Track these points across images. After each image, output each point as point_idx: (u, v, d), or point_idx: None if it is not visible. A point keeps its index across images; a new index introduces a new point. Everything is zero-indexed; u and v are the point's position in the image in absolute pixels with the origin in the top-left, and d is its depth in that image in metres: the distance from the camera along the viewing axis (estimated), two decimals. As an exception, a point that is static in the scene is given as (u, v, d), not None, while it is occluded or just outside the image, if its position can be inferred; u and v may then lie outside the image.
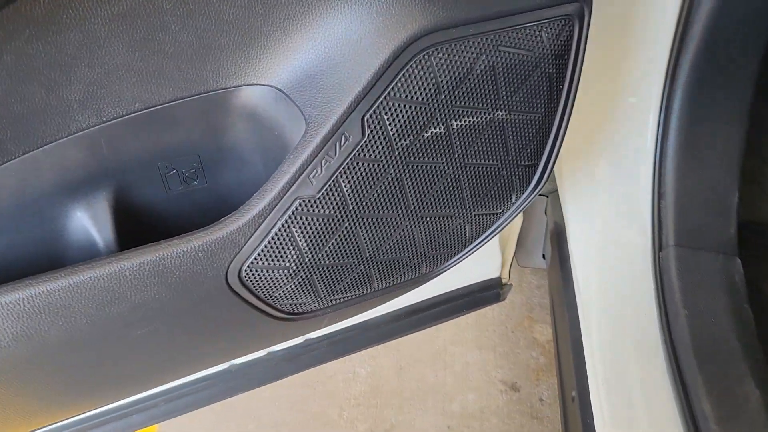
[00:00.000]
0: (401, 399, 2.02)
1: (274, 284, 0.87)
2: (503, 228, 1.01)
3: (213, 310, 0.87)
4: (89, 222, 0.86)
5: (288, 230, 0.83)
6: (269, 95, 0.82)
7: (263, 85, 0.81)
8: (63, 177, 0.82)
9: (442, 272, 1.05)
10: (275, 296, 0.90)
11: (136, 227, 0.92)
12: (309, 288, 0.91)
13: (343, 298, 0.97)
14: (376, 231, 0.89)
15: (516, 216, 1.01)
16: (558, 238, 1.42)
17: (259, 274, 0.85)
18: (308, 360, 1.35)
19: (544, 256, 1.62)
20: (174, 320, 0.85)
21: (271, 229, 0.82)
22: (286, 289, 0.89)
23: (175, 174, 0.90)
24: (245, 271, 0.84)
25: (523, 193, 0.98)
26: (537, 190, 0.99)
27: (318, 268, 0.89)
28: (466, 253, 1.03)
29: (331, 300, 0.96)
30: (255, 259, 0.84)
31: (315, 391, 2.04)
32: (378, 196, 0.85)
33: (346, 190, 0.83)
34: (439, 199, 0.91)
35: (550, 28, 0.83)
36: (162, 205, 0.93)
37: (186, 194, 0.93)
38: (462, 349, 2.13)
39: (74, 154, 0.81)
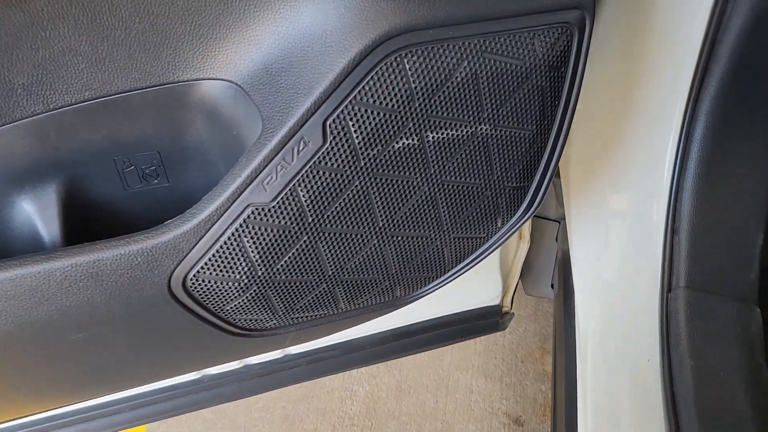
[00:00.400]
0: (398, 423, 1.93)
1: (223, 297, 0.80)
2: (489, 254, 0.92)
3: (159, 319, 0.81)
4: (36, 215, 0.81)
5: (238, 240, 0.75)
6: (229, 91, 0.75)
7: (222, 80, 0.75)
8: (7, 166, 0.77)
9: (420, 297, 0.96)
10: (226, 310, 0.83)
11: (89, 224, 0.86)
12: (264, 304, 0.83)
13: (306, 317, 0.89)
14: (339, 248, 0.81)
15: (504, 242, 0.92)
16: (565, 267, 1.32)
17: (206, 285, 0.78)
18: (286, 377, 1.28)
19: (552, 286, 1.51)
20: (114, 328, 0.79)
21: (220, 237, 0.75)
22: (238, 303, 0.82)
23: (133, 170, 0.84)
24: (191, 280, 0.77)
25: (510, 218, 0.89)
26: (528, 215, 0.90)
27: (273, 284, 0.81)
28: (447, 278, 0.95)
29: (292, 319, 0.88)
30: (202, 268, 0.77)
31: (309, 406, 1.97)
32: (341, 209, 0.77)
33: (305, 201, 0.75)
34: (411, 218, 0.82)
35: (545, 37, 0.74)
36: (120, 203, 0.87)
37: (147, 193, 0.87)
38: (467, 376, 2.03)
39: (19, 142, 0.76)
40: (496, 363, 2.06)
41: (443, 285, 0.95)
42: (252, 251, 0.77)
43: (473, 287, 1.34)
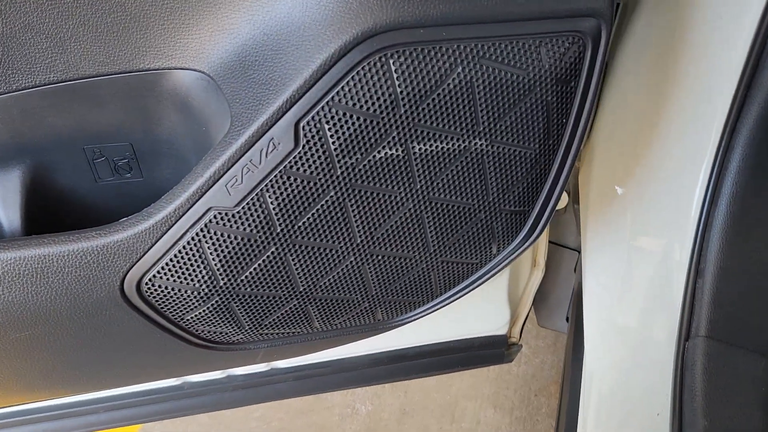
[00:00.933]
0: (399, 447, 1.84)
1: (182, 305, 0.74)
2: (482, 282, 0.84)
3: (112, 324, 0.75)
4: (-4, 200, 0.76)
5: (198, 245, 0.69)
6: (200, 83, 0.69)
7: (194, 70, 0.69)
8: (-32, 147, 0.73)
9: (405, 322, 0.88)
10: (187, 319, 0.76)
11: (58, 216, 0.81)
12: (227, 317, 0.77)
13: (276, 333, 0.82)
14: (311, 262, 0.74)
15: (500, 270, 0.83)
16: (580, 301, 1.22)
17: (163, 291, 0.72)
18: (271, 392, 1.21)
19: (567, 319, 1.41)
20: (62, 329, 0.73)
21: (178, 240, 0.69)
22: (199, 313, 0.75)
23: (104, 162, 0.79)
24: (146, 284, 0.71)
25: (507, 245, 0.81)
26: (528, 243, 0.81)
27: (237, 296, 0.74)
28: (437, 305, 0.86)
29: (260, 335, 0.81)
30: (158, 272, 0.71)
31: (308, 421, 1.90)
32: (314, 221, 0.70)
33: (273, 209, 0.68)
34: (394, 237, 0.75)
35: (553, 45, 0.66)
36: (91, 196, 0.82)
37: (118, 186, 0.82)
38: (475, 405, 1.93)
39: (-19, 122, 0.71)
40: (507, 394, 1.96)
41: (431, 312, 0.87)
42: (213, 259, 0.70)
43: (477, 313, 1.25)
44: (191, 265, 0.70)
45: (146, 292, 0.72)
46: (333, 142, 0.65)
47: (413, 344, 1.23)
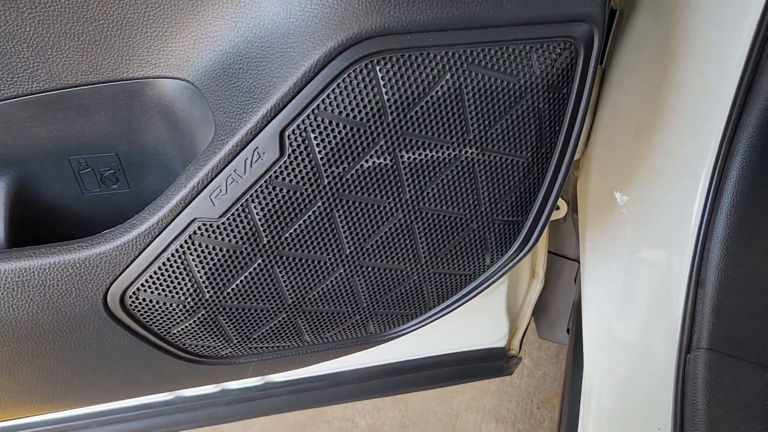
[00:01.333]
0: (399, 461, 1.82)
1: (168, 319, 0.72)
2: (477, 293, 0.82)
3: (96, 338, 0.73)
4: (-21, 212, 0.75)
5: (183, 257, 0.67)
6: (185, 92, 0.68)
7: (178, 78, 0.67)
8: (-50, 158, 0.72)
9: (399, 335, 0.86)
10: (173, 333, 0.75)
11: (44, 228, 0.80)
12: (215, 330, 0.75)
13: (266, 347, 0.81)
14: (299, 275, 0.72)
15: (494, 281, 0.81)
16: (579, 313, 1.19)
17: (148, 305, 0.71)
18: (266, 405, 1.19)
19: (568, 331, 1.39)
20: (44, 343, 0.72)
21: (162, 252, 0.67)
22: (185, 327, 0.74)
23: (90, 172, 0.78)
24: (130, 298, 0.70)
25: (501, 255, 0.79)
26: (522, 254, 0.79)
27: (224, 309, 0.73)
28: (431, 317, 0.84)
29: (249, 348, 0.80)
30: (142, 285, 0.69)
31: (307, 434, 1.87)
32: (301, 232, 0.69)
33: (259, 220, 0.67)
34: (384, 248, 0.73)
35: (544, 51, 0.64)
36: (78, 207, 0.81)
37: (106, 198, 0.81)
38: (477, 418, 1.90)
39: (-37, 133, 0.70)
40: (509, 407, 1.93)
41: (425, 324, 0.85)
42: (198, 271, 0.69)
43: (475, 326, 1.23)
44: (176, 277, 0.69)
45: (130, 305, 0.70)
46: (319, 151, 0.64)
47: (410, 357, 1.21)
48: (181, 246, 0.67)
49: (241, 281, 0.71)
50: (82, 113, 0.71)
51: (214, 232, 0.66)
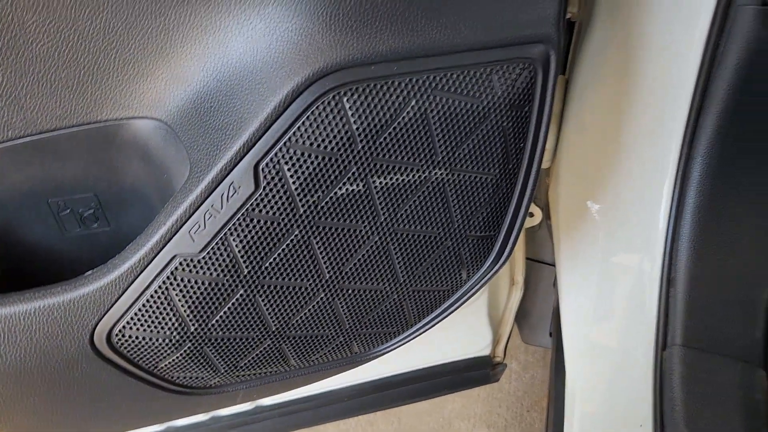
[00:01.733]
0: (394, 473, 1.83)
1: (155, 354, 0.74)
2: (456, 308, 0.84)
3: (85, 378, 0.74)
4: (-39, 260, 0.76)
5: (166, 293, 0.69)
6: (159, 131, 0.70)
7: (152, 118, 0.69)
8: (-71, 208, 0.73)
9: (383, 353, 0.88)
10: (161, 367, 0.76)
11: (28, 271, 0.81)
12: (202, 361, 0.76)
13: (253, 374, 0.82)
14: (281, 302, 0.74)
15: (472, 295, 0.84)
16: (558, 318, 1.22)
17: (134, 341, 0.72)
18: (258, 429, 1.20)
19: (551, 334, 1.41)
20: (33, 387, 0.73)
21: (145, 290, 0.69)
22: (172, 360, 0.75)
23: (70, 214, 0.79)
24: (117, 336, 0.71)
25: (477, 270, 0.81)
26: (497, 266, 0.81)
27: (209, 340, 0.74)
28: (413, 333, 0.86)
29: (237, 376, 0.81)
30: (128, 323, 0.70)
31: (302, 453, 1.88)
32: (280, 261, 0.71)
33: (239, 252, 0.68)
34: (362, 270, 0.75)
35: (504, 73, 0.67)
36: (59, 248, 0.81)
37: (87, 237, 0.82)
38: (468, 426, 1.92)
39: (-60, 182, 0.71)
40: (500, 412, 1.95)
41: (408, 341, 0.87)
42: (182, 306, 0.70)
43: (460, 336, 1.25)
44: (160, 313, 0.70)
45: (117, 343, 0.72)
46: (293, 182, 0.66)
47: (399, 371, 1.23)
48: (164, 282, 0.68)
49: (225, 312, 0.72)
50: (58, 157, 0.73)
51: (195, 266, 0.68)
